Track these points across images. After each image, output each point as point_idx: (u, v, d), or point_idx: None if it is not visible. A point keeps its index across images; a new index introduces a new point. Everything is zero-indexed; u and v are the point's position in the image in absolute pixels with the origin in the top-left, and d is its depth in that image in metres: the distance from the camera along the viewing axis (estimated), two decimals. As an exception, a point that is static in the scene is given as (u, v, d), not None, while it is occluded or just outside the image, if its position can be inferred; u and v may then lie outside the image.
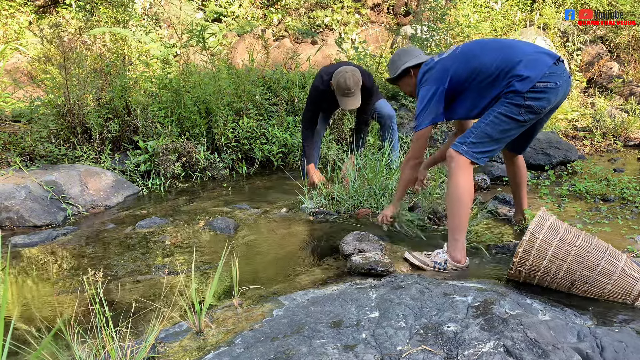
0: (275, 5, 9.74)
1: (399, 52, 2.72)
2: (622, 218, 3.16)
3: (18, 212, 3.24)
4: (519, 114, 2.14)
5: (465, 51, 2.35)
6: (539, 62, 2.12)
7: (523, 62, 2.13)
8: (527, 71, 2.11)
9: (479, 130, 2.21)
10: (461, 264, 2.29)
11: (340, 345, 1.56)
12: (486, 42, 2.43)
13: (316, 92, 3.77)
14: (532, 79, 2.10)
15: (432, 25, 6.46)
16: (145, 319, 1.90)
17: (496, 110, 2.19)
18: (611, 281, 1.87)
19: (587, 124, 6.69)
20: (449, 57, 2.39)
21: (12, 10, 7.85)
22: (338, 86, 3.51)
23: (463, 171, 2.22)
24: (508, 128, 2.18)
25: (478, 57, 2.26)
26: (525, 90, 2.10)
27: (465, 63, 2.29)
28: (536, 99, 2.12)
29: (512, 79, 2.14)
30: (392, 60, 2.73)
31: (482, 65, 2.23)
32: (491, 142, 2.22)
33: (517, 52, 2.18)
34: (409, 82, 2.68)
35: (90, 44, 6.60)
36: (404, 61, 2.65)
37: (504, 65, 2.17)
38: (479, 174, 4.16)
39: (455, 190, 2.23)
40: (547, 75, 2.10)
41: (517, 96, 2.12)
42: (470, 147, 2.21)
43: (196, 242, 2.87)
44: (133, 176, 4.32)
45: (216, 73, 5.10)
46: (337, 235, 2.91)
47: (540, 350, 1.47)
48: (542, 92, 2.11)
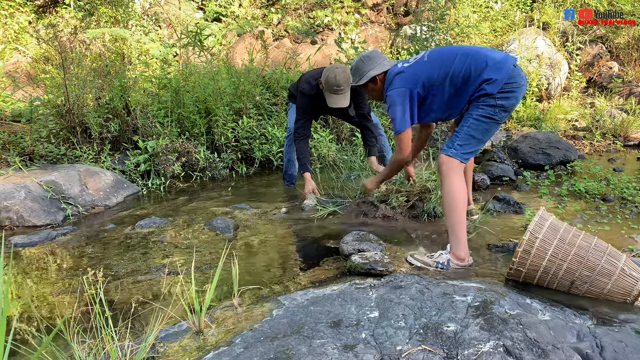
0: (275, 5, 9.74)
1: (363, 58, 2.74)
2: (622, 218, 3.16)
3: (18, 212, 3.24)
4: (495, 113, 2.33)
5: (434, 58, 2.50)
6: (504, 65, 2.32)
7: (489, 66, 2.32)
8: (494, 74, 2.30)
9: (463, 133, 2.39)
10: (464, 262, 2.30)
11: (340, 345, 1.56)
12: (454, 49, 2.57)
13: (305, 98, 3.62)
14: (499, 81, 2.29)
15: (432, 25, 6.46)
16: (145, 319, 1.90)
17: (473, 114, 2.37)
18: (611, 281, 1.87)
19: (587, 123, 6.69)
20: (418, 64, 2.54)
21: (11, 10, 7.85)
22: (327, 83, 3.39)
23: (454, 172, 2.37)
24: (488, 128, 2.37)
25: (449, 63, 2.42)
26: (495, 92, 2.30)
27: (437, 69, 2.45)
28: (506, 98, 2.32)
29: (482, 82, 2.33)
30: (356, 66, 2.77)
31: (453, 71, 2.40)
32: (476, 142, 2.40)
33: (483, 57, 2.37)
34: (373, 87, 2.77)
35: (90, 44, 6.60)
36: (369, 68, 2.70)
37: (473, 69, 2.35)
38: (479, 173, 4.16)
39: (450, 190, 2.35)
40: (512, 76, 2.31)
41: (489, 98, 2.32)
42: (458, 150, 2.38)
43: (196, 242, 2.87)
44: (133, 176, 4.32)
45: (215, 73, 5.10)
46: (337, 235, 2.91)
47: (540, 350, 1.47)
48: (510, 91, 2.31)
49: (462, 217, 2.34)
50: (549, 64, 7.71)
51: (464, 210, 2.37)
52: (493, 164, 4.38)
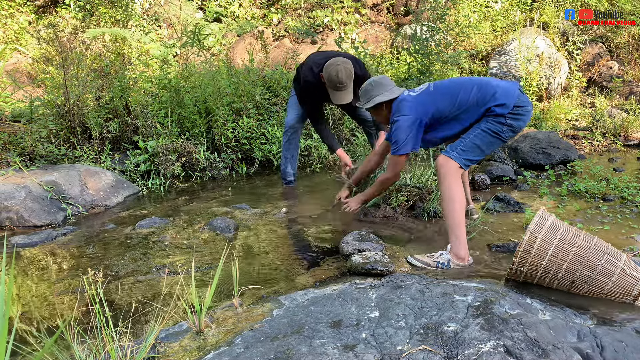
0: (275, 5, 9.73)
1: (373, 83, 2.78)
2: (622, 217, 3.16)
3: (18, 212, 3.24)
4: (502, 131, 2.43)
5: (442, 90, 2.57)
6: (511, 91, 2.44)
7: (498, 93, 2.43)
8: (503, 99, 2.41)
9: (468, 141, 2.46)
10: (464, 262, 2.32)
11: (340, 345, 1.56)
12: (461, 80, 2.64)
13: (307, 84, 3.59)
14: (508, 105, 2.40)
15: (432, 25, 6.45)
16: (145, 319, 1.90)
17: (482, 126, 2.45)
18: (611, 281, 1.87)
19: (587, 123, 6.69)
20: (425, 94, 2.60)
21: (11, 11, 7.84)
22: (329, 80, 3.36)
23: (453, 174, 2.42)
24: (492, 142, 2.46)
25: (457, 95, 2.51)
26: (505, 113, 2.41)
27: (446, 101, 2.53)
28: (515, 119, 2.43)
29: (491, 106, 2.42)
30: (365, 89, 2.80)
31: (462, 101, 2.49)
32: (479, 152, 2.47)
33: (491, 86, 2.47)
34: (381, 113, 2.83)
35: (90, 44, 6.60)
36: (377, 93, 2.73)
37: (481, 98, 2.45)
38: (479, 173, 4.16)
39: (449, 191, 2.39)
40: (520, 101, 2.43)
41: (500, 117, 2.42)
42: (460, 154, 2.45)
43: (196, 242, 2.87)
44: (133, 176, 4.32)
45: (215, 73, 5.10)
46: (337, 235, 2.92)
47: (540, 349, 1.47)
48: (520, 114, 2.42)
49: (461, 217, 2.37)
50: (549, 64, 7.71)
51: (463, 210, 2.40)
52: (493, 164, 4.38)
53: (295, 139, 4.08)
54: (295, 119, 3.96)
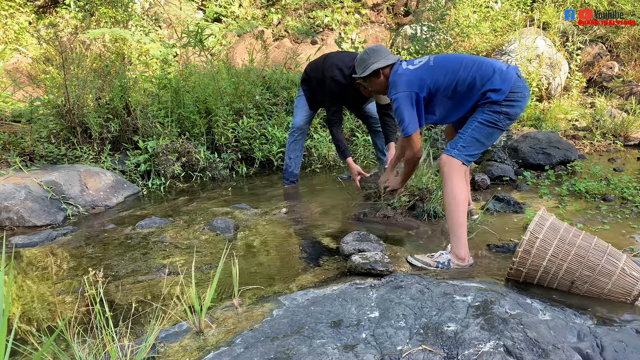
0: (275, 5, 9.74)
1: (368, 51, 2.76)
2: (622, 217, 3.16)
3: (18, 212, 3.24)
4: (499, 120, 2.39)
5: (441, 64, 2.52)
6: (508, 75, 2.39)
7: (496, 75, 2.38)
8: (499, 84, 2.36)
9: (467, 135, 2.43)
10: (465, 262, 2.31)
11: (340, 345, 1.56)
12: (460, 56, 2.60)
13: (338, 86, 3.53)
14: (504, 91, 2.36)
15: (432, 25, 6.46)
16: (145, 319, 1.90)
17: (478, 118, 2.42)
18: (611, 281, 1.87)
19: (587, 123, 6.69)
20: (423, 68, 2.55)
21: (11, 11, 7.84)
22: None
23: (455, 172, 2.40)
24: (491, 132, 2.42)
25: (456, 71, 2.46)
26: (501, 100, 2.36)
27: (443, 75, 2.49)
28: (511, 106, 2.38)
29: (487, 91, 2.38)
30: (361, 58, 2.79)
31: (460, 78, 2.45)
32: (479, 145, 2.44)
33: (490, 66, 2.43)
34: (376, 81, 2.78)
35: (90, 44, 6.60)
36: (373, 61, 2.71)
37: (479, 78, 2.41)
38: (479, 173, 4.16)
39: (451, 190, 2.37)
40: (517, 86, 2.38)
41: (495, 105, 2.37)
42: (461, 151, 2.42)
43: (196, 242, 2.87)
44: (133, 176, 4.32)
45: (215, 73, 5.10)
46: (337, 235, 2.92)
47: (540, 349, 1.47)
48: (515, 100, 2.38)
49: (463, 217, 2.36)
50: (549, 64, 7.71)
51: (465, 210, 2.39)
52: (493, 164, 4.38)
53: (302, 141, 4.11)
54: (304, 120, 3.97)
